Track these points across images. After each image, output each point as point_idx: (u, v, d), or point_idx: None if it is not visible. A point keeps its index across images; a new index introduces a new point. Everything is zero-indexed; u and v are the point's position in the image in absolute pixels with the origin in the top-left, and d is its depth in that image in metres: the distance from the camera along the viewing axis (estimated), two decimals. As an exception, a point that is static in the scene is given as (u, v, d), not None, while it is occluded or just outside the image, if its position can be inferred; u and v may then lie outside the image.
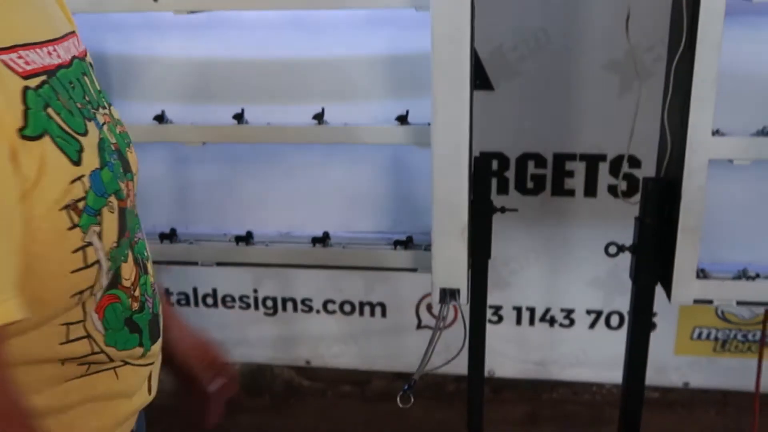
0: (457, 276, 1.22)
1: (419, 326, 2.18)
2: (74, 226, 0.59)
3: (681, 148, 1.09)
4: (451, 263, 1.22)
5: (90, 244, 0.61)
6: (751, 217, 1.27)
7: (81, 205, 0.59)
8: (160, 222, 1.47)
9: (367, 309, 2.19)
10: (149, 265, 0.75)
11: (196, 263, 1.38)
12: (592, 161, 2.00)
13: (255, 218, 1.47)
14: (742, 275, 1.17)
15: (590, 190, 2.08)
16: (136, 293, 0.70)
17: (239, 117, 1.32)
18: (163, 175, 1.47)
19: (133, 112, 1.37)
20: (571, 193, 2.09)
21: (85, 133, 0.62)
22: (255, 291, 2.21)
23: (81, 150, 0.61)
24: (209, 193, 1.48)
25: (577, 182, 2.08)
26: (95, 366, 0.66)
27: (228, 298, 2.22)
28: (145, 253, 0.75)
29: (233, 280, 2.19)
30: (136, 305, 0.70)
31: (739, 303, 1.16)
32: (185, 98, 1.41)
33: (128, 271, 0.69)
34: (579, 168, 2.06)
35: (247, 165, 1.45)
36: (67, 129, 0.60)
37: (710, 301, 1.16)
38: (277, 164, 1.44)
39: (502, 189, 2.14)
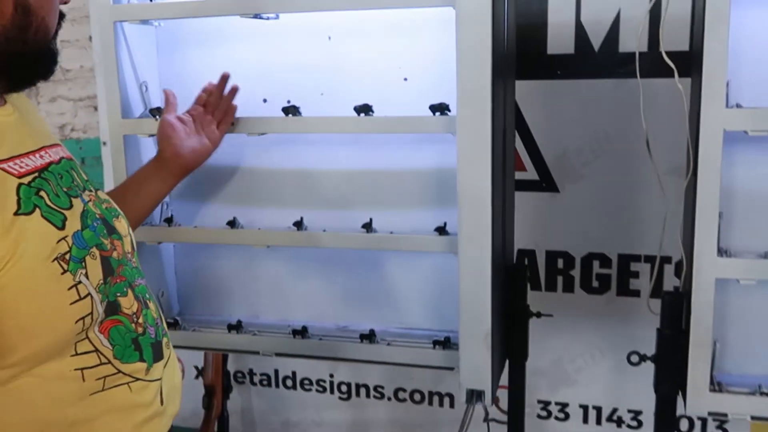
0: (482, 378, 1.31)
1: (486, 419, 2.23)
2: (65, 271, 0.84)
3: (690, 265, 1.15)
4: (476, 365, 1.32)
5: (80, 282, 0.85)
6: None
7: (67, 256, 0.84)
8: (231, 312, 1.66)
9: (435, 399, 2.28)
10: (150, 303, 1.01)
11: (257, 353, 1.55)
12: (656, 263, 2.03)
13: (313, 311, 1.63)
14: (758, 390, 1.19)
15: (656, 291, 2.09)
16: (140, 321, 0.96)
17: (299, 224, 1.50)
18: (233, 271, 1.67)
19: (209, 214, 1.62)
20: (636, 293, 2.12)
21: (69, 207, 0.88)
22: (331, 376, 2.35)
23: (65, 219, 0.86)
24: (273, 288, 1.66)
25: (642, 283, 2.10)
26: (110, 380, 0.89)
27: (306, 381, 2.38)
28: (147, 295, 1.01)
29: (311, 364, 2.35)
30: (140, 329, 0.95)
31: (753, 418, 1.17)
32: (255, 202, 1.62)
33: (129, 303, 0.95)
34: (644, 269, 2.09)
35: (307, 263, 1.62)
36: (53, 206, 0.85)
37: (725, 415, 1.18)
38: (333, 264, 1.60)
39: (568, 287, 2.19)
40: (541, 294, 2.21)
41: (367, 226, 1.46)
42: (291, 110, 1.46)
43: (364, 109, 1.43)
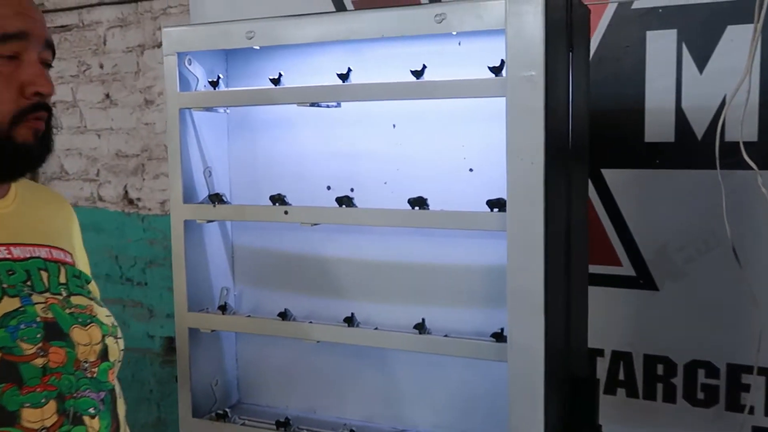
0: None
1: None
2: None
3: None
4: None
5: None
6: None
7: None
8: (289, 403, 1.60)
9: None
10: (94, 420, 0.92)
11: (303, 458, 1.46)
12: (773, 377, 1.78)
13: (368, 411, 1.53)
14: None
15: (772, 408, 1.83)
16: None
17: (350, 320, 1.42)
18: (291, 361, 1.61)
19: (262, 302, 1.57)
20: (749, 410, 1.86)
21: None
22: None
23: None
24: (328, 382, 1.57)
25: (756, 398, 1.85)
26: None
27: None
28: (93, 410, 0.92)
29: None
30: None
31: None
32: (306, 291, 1.57)
33: (38, 416, 0.86)
34: (758, 383, 1.84)
35: (360, 359, 1.53)
36: None
37: None
38: (386, 361, 1.50)
39: (669, 397, 1.96)
40: (639, 402, 1.99)
41: (420, 327, 1.36)
42: (345, 201, 1.40)
43: (419, 203, 1.34)
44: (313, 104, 1.39)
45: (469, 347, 1.31)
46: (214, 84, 1.49)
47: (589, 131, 1.44)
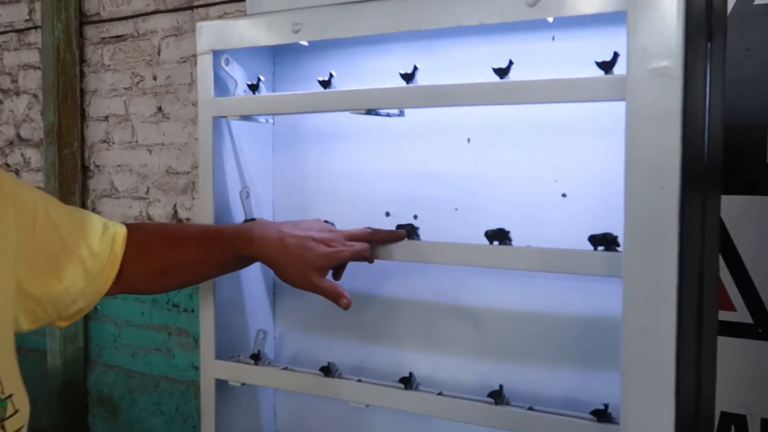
0: None
1: None
2: None
3: None
4: None
5: None
6: None
7: None
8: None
9: None
10: None
11: None
12: None
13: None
14: None
15: None
16: None
17: (407, 381, 1.13)
18: (334, 424, 1.33)
19: (305, 348, 1.33)
20: None
21: None
22: None
23: None
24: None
25: None
26: None
27: None
28: None
29: None
30: None
31: None
32: (357, 337, 1.33)
33: None
34: None
35: (419, 427, 1.24)
36: None
37: None
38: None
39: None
40: (756, 478, 1.64)
41: (497, 396, 1.06)
42: (409, 230, 1.12)
43: (499, 236, 1.05)
44: (369, 112, 1.13)
45: (562, 427, 1.00)
46: (254, 88, 1.24)
47: (724, 145, 1.12)
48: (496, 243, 1.05)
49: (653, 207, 0.83)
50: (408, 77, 1.10)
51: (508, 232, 1.05)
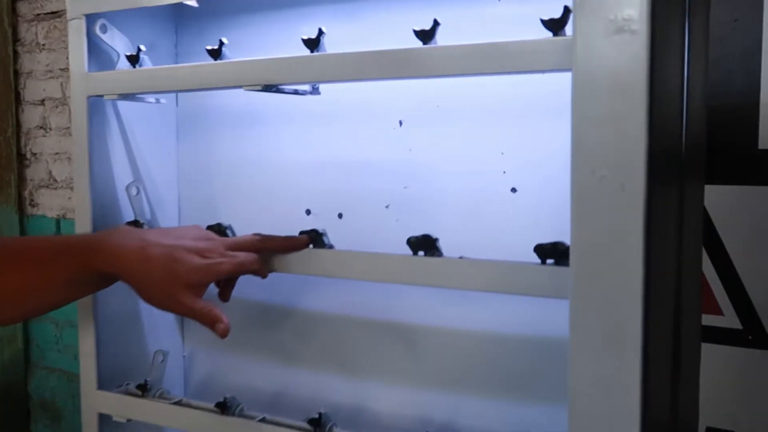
0: None
1: None
2: None
3: None
4: None
5: None
6: None
7: None
8: None
9: None
10: None
11: None
12: None
13: None
14: None
15: None
16: None
17: (317, 424, 0.91)
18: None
19: (218, 372, 1.05)
20: None
21: None
22: None
23: None
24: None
25: None
26: None
27: None
28: None
29: None
30: None
31: None
32: (279, 358, 1.06)
33: None
34: None
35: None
36: None
37: None
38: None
39: None
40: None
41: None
42: (313, 237, 0.90)
43: (425, 245, 0.83)
44: (268, 88, 0.90)
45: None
46: (134, 60, 1.01)
47: (707, 127, 0.90)
48: (421, 253, 0.83)
49: (609, 211, 0.61)
50: (312, 44, 0.87)
51: (435, 240, 0.82)
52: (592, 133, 0.60)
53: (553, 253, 0.75)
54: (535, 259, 0.78)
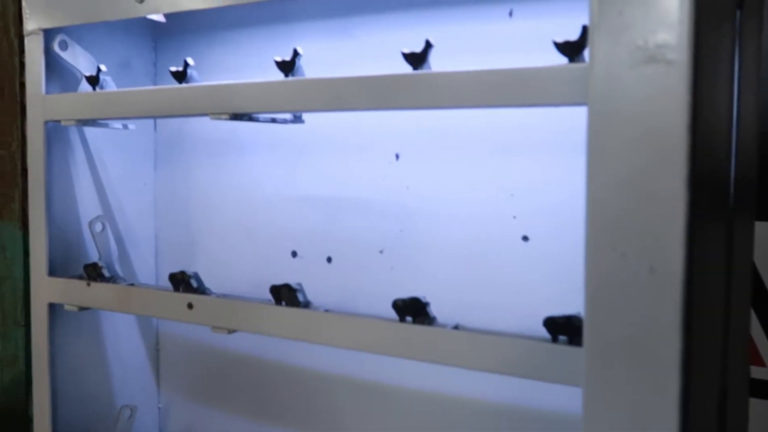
0: None
1: None
2: None
3: None
4: None
5: None
6: None
7: None
8: None
9: None
10: None
11: None
12: None
13: None
14: None
15: None
16: None
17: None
18: None
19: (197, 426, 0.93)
20: None
21: None
22: None
23: None
24: None
25: None
26: None
27: None
28: None
29: None
30: None
31: None
32: (255, 416, 0.93)
33: None
34: None
35: None
36: None
37: None
38: None
39: None
40: None
41: None
42: (284, 294, 0.76)
43: (412, 310, 0.69)
44: (237, 117, 0.77)
45: None
46: (94, 81, 0.88)
47: (760, 158, 0.75)
48: (409, 320, 0.69)
49: (636, 294, 0.46)
50: (287, 67, 0.74)
51: (425, 305, 0.68)
52: (611, 196, 0.46)
53: (567, 328, 0.61)
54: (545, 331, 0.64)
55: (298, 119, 0.86)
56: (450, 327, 0.67)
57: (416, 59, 0.67)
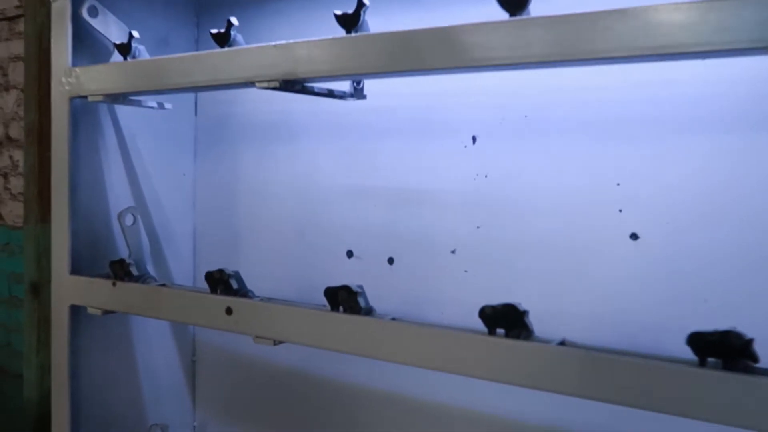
0: None
1: None
2: None
3: None
4: None
5: None
6: None
7: None
8: None
9: None
10: None
11: None
12: None
13: None
14: None
15: None
16: None
17: None
18: None
19: None
20: None
21: None
22: None
23: None
24: None
25: None
26: None
27: None
28: None
29: None
30: None
31: None
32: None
33: None
34: None
35: None
36: None
37: None
38: None
39: None
40: None
41: None
42: (342, 298, 0.63)
43: (507, 320, 0.54)
44: (291, 86, 0.63)
45: None
46: (125, 50, 0.76)
47: None
48: (501, 332, 0.54)
49: None
50: (348, 21, 0.60)
51: (523, 314, 0.54)
52: None
53: (720, 348, 0.46)
54: (682, 351, 0.49)
55: (359, 93, 0.72)
56: (555, 343, 0.53)
57: (513, 5, 0.53)
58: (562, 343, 0.53)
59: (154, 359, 0.95)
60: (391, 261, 0.83)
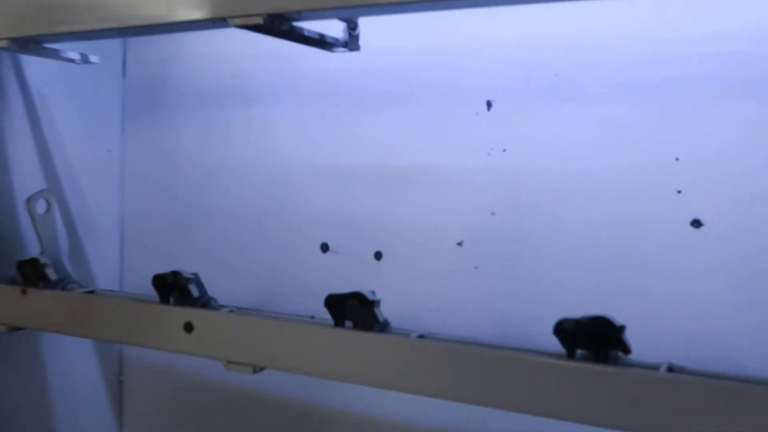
0: None
1: None
2: None
3: None
4: None
5: None
6: None
7: None
8: None
9: None
10: None
11: None
12: None
13: None
14: None
15: None
16: None
17: None
18: None
19: None
20: None
21: None
22: None
23: None
24: None
25: None
26: None
27: None
28: None
29: None
30: None
31: None
32: None
33: None
34: None
35: None
36: None
37: None
38: None
39: None
40: None
41: None
42: (350, 310, 0.47)
43: (597, 341, 0.40)
44: (276, 28, 0.47)
45: None
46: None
47: None
48: (580, 353, 0.40)
49: None
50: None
51: (620, 330, 0.40)
52: None
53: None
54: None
55: (353, 41, 0.56)
56: (663, 369, 0.39)
57: None
58: (670, 369, 0.39)
59: (72, 381, 0.77)
60: (378, 256, 0.68)
